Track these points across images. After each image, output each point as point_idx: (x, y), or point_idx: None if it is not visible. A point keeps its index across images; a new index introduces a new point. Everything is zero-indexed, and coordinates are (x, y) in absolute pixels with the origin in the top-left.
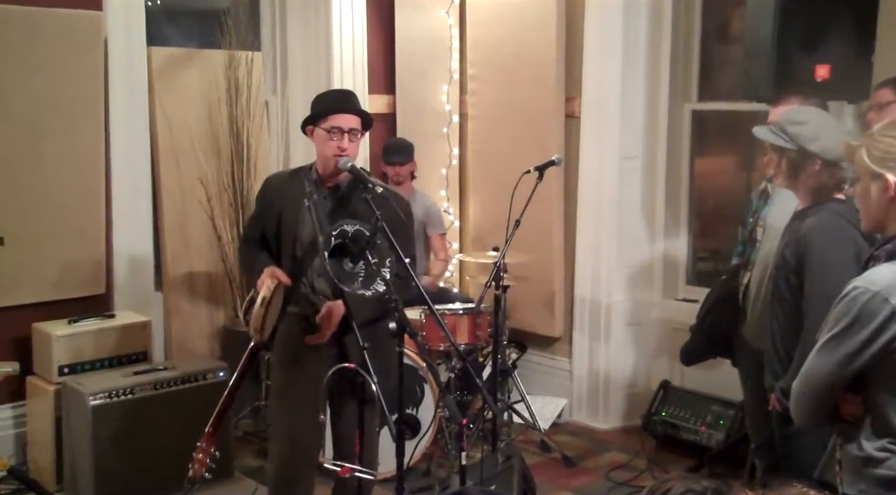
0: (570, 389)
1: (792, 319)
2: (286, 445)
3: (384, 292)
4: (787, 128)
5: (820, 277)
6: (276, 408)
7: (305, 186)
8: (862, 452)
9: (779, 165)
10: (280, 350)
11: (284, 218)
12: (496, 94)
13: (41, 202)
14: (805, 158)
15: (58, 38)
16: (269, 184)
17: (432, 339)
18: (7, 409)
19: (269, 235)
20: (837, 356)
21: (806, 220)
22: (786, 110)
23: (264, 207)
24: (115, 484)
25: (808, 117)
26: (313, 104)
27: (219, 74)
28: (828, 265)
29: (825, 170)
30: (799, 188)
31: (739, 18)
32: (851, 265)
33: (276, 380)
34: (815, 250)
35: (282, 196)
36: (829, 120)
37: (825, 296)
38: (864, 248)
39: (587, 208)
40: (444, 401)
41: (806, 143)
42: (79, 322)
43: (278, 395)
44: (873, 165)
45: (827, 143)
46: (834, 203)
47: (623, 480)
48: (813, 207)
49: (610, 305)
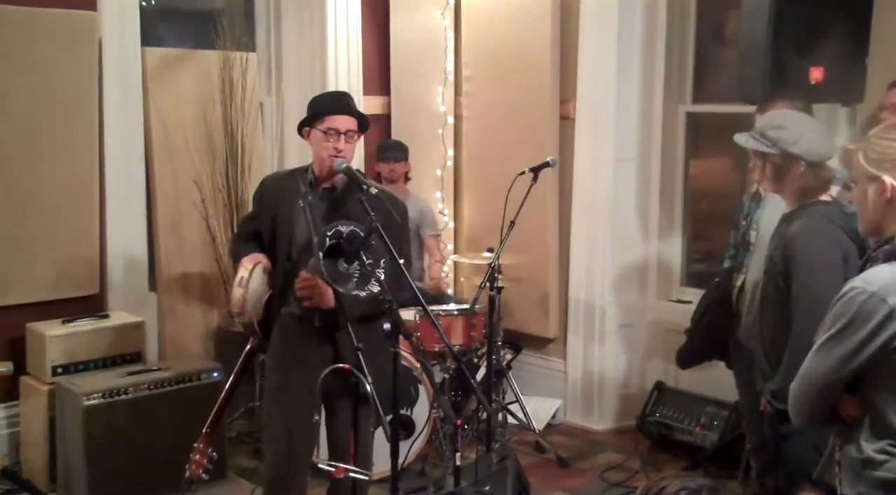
0: (564, 390)
1: (781, 321)
2: (280, 446)
3: (378, 293)
4: (767, 133)
5: (807, 280)
6: (270, 409)
7: (300, 187)
8: (861, 454)
9: (763, 170)
10: (274, 350)
11: (280, 218)
12: (491, 95)
13: (35, 202)
14: (788, 162)
15: (52, 39)
16: (266, 183)
17: (427, 340)
18: (0, 409)
19: (265, 235)
20: (835, 356)
21: (793, 223)
22: (765, 116)
23: (260, 207)
24: (108, 484)
25: (788, 121)
26: (310, 105)
27: (213, 75)
28: (814, 267)
29: (809, 172)
30: (785, 191)
31: (734, 20)
32: (838, 267)
33: (271, 381)
34: (801, 253)
35: (278, 196)
36: (809, 122)
37: (812, 298)
38: (851, 250)
39: (581, 209)
40: (439, 402)
41: (788, 147)
42: (73, 322)
43: (272, 396)
44: (870, 168)
45: (809, 145)
46: (820, 205)
47: (617, 481)
48: (799, 210)
49: (604, 306)
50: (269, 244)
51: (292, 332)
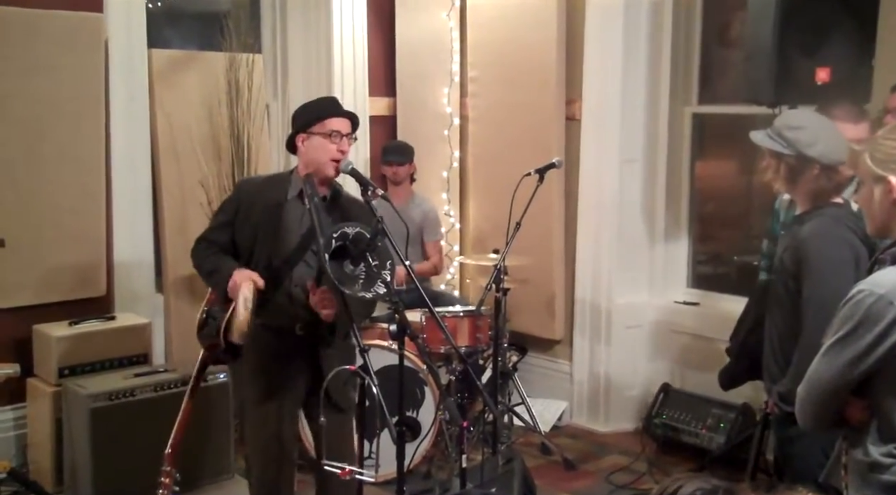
0: (570, 392)
1: (790, 324)
2: (269, 454)
3: (385, 294)
4: (784, 133)
5: (818, 282)
6: (254, 417)
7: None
8: (868, 457)
9: (777, 170)
10: (252, 361)
11: (262, 225)
12: (497, 96)
13: (42, 204)
14: (803, 163)
15: (59, 40)
16: (244, 189)
17: (433, 342)
18: (7, 411)
19: (243, 243)
20: (842, 359)
21: (804, 225)
22: (783, 115)
23: (238, 213)
24: (114, 485)
25: (806, 122)
26: (303, 112)
27: (219, 77)
28: (825, 270)
29: (823, 175)
30: (798, 193)
31: (740, 21)
32: (849, 270)
33: (252, 391)
34: (812, 255)
35: (260, 203)
36: (827, 124)
37: (823, 301)
38: (862, 253)
39: (587, 211)
40: (445, 404)
41: (804, 148)
42: (79, 324)
43: (256, 405)
44: (876, 169)
45: (825, 148)
46: (832, 208)
47: (623, 483)
48: (811, 212)
49: (610, 308)
50: (246, 253)
51: (269, 342)
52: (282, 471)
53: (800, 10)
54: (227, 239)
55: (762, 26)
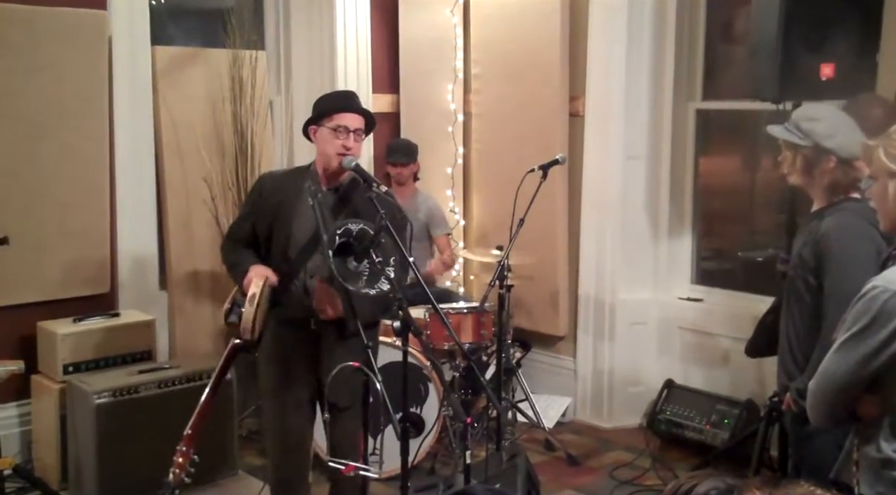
0: (574, 388)
1: (808, 319)
2: (284, 443)
3: (388, 291)
4: (801, 125)
5: (840, 277)
6: (270, 407)
7: (308, 185)
8: (880, 454)
9: (793, 163)
10: (269, 350)
11: (280, 217)
12: (500, 92)
13: (46, 201)
14: (820, 156)
15: (62, 38)
16: (265, 182)
17: (436, 338)
18: (12, 408)
19: (262, 234)
20: (856, 356)
21: (824, 220)
22: (801, 107)
23: (259, 205)
24: (119, 482)
25: (824, 114)
26: (316, 104)
27: (223, 73)
28: (848, 265)
29: (839, 168)
30: (813, 186)
31: (744, 17)
32: (872, 264)
33: (267, 381)
34: (834, 250)
35: (278, 195)
36: (844, 117)
37: (845, 296)
38: (883, 248)
39: (591, 207)
40: (449, 400)
41: (821, 140)
42: (83, 321)
43: (271, 395)
44: (891, 164)
45: (843, 141)
46: (851, 202)
47: (627, 479)
48: (830, 207)
49: (614, 304)
50: (265, 244)
51: (285, 334)
52: (296, 461)
53: (804, 5)
54: (249, 231)
55: (766, 22)
